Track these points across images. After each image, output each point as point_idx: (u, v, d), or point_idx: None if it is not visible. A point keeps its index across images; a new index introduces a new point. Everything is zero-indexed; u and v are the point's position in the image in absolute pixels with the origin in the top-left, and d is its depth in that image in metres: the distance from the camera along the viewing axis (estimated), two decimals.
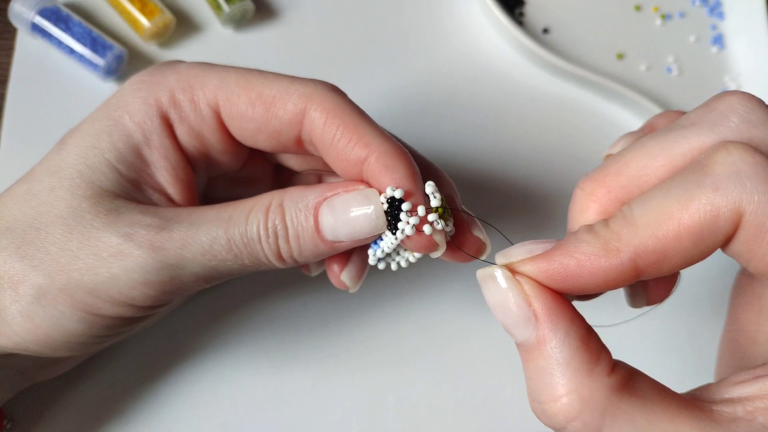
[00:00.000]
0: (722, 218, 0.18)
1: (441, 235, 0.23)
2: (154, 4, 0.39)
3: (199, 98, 0.25)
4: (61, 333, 0.24)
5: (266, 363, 0.34)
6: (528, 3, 0.45)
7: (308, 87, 0.24)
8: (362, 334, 0.35)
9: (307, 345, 0.35)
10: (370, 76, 0.41)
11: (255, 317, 0.35)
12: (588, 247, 0.19)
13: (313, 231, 0.24)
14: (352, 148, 0.23)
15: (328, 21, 0.43)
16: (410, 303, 0.36)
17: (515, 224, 0.39)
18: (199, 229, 0.24)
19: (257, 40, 0.41)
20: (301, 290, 0.36)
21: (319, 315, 0.35)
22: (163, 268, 0.23)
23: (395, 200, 0.22)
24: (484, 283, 0.20)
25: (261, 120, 0.24)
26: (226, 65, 0.26)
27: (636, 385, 0.19)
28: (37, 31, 0.38)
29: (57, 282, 0.23)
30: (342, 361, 0.35)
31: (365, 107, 0.25)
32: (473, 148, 0.40)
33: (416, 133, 0.40)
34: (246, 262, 0.24)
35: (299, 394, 0.34)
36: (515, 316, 0.19)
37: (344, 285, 0.27)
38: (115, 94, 0.26)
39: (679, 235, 0.18)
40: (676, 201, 0.18)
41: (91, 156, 0.24)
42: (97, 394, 0.32)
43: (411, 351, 0.35)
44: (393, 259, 0.25)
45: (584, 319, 0.20)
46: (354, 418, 0.34)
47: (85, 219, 0.24)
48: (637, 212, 0.19)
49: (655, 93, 0.44)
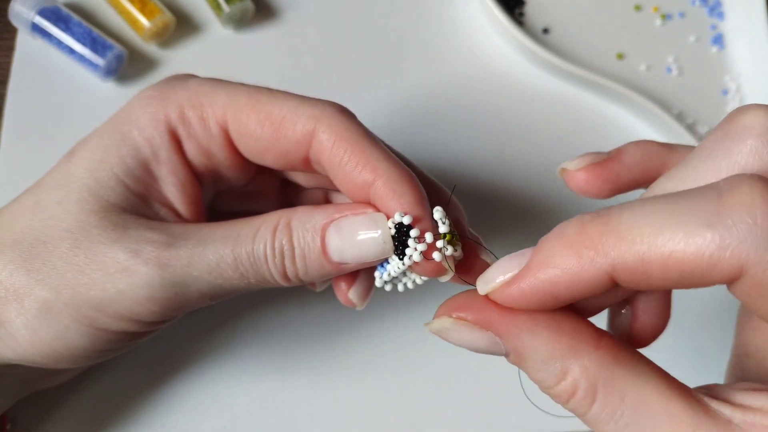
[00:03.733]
0: (719, 268, 0.16)
1: (450, 261, 0.23)
2: (154, 4, 0.39)
3: (209, 116, 0.25)
4: (65, 346, 0.24)
5: (267, 367, 0.34)
6: (528, 3, 0.45)
7: (317, 108, 0.24)
8: (362, 338, 0.35)
9: (307, 350, 0.35)
10: (370, 76, 0.41)
11: (256, 322, 0.35)
12: (561, 260, 0.18)
13: (319, 252, 0.24)
14: (359, 172, 0.23)
15: (328, 21, 0.43)
16: (410, 307, 0.36)
17: (515, 224, 0.39)
18: (207, 247, 0.24)
19: (257, 40, 0.41)
20: (301, 296, 0.36)
21: (320, 320, 0.35)
22: (169, 286, 0.23)
23: (403, 226, 0.23)
24: (441, 335, 0.21)
25: (269, 140, 0.24)
26: (237, 82, 0.26)
27: (628, 359, 0.19)
28: (37, 31, 0.38)
29: (63, 296, 0.23)
30: (342, 366, 0.35)
31: (365, 107, 0.26)
32: (473, 148, 0.40)
33: (416, 133, 0.40)
34: (251, 280, 0.24)
35: (299, 399, 0.34)
36: (484, 346, 0.20)
37: (352, 303, 0.27)
38: (125, 107, 0.26)
39: (667, 266, 0.17)
40: (674, 230, 0.16)
41: (100, 170, 0.24)
42: (98, 397, 0.32)
43: (411, 355, 0.35)
44: (400, 281, 0.25)
45: (549, 312, 0.20)
46: (354, 422, 0.34)
47: (92, 233, 0.24)
48: (625, 223, 0.17)
49: (655, 93, 0.44)
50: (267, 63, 0.41)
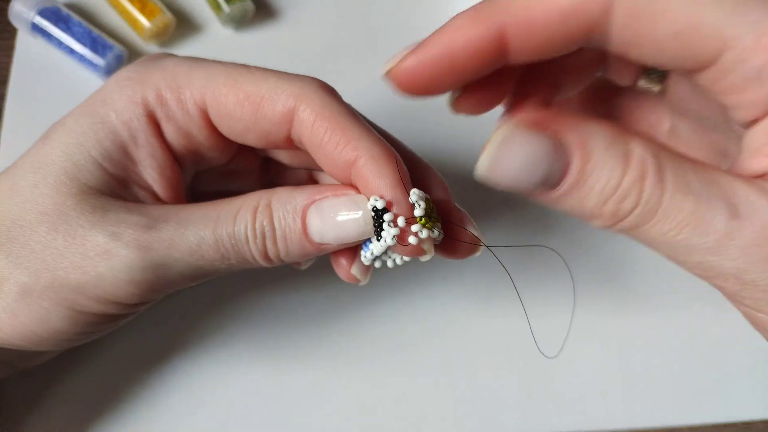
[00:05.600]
0: None
1: (428, 243, 0.23)
2: (154, 4, 0.39)
3: (186, 97, 0.25)
4: (46, 329, 0.24)
5: (263, 356, 0.34)
6: None
7: (297, 85, 0.24)
8: (362, 333, 0.35)
9: (305, 344, 0.35)
10: (370, 76, 0.41)
11: (254, 309, 0.35)
12: (459, 20, 0.20)
13: (300, 233, 0.24)
14: (340, 151, 0.23)
15: (328, 21, 0.43)
16: (410, 302, 0.36)
17: (515, 224, 0.39)
18: (187, 229, 0.24)
19: (257, 40, 0.41)
20: (299, 287, 0.36)
21: (319, 314, 0.35)
22: (149, 268, 0.23)
23: (378, 209, 0.23)
24: (500, 152, 0.20)
25: (249, 120, 0.24)
26: (215, 61, 0.26)
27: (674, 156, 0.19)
28: (37, 31, 0.38)
29: (42, 280, 0.23)
30: (341, 360, 0.35)
31: (364, 107, 0.25)
32: (473, 147, 0.40)
33: (416, 133, 0.40)
34: (233, 261, 0.24)
35: (297, 393, 0.34)
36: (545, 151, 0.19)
37: (355, 278, 0.26)
38: (101, 90, 0.25)
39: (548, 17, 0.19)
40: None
41: (77, 153, 0.24)
42: (88, 385, 0.32)
43: (411, 349, 0.35)
44: (388, 257, 0.25)
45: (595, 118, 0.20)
46: (354, 421, 0.34)
47: (70, 217, 0.23)
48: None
49: None
50: (267, 63, 0.41)
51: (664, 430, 0.35)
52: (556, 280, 0.38)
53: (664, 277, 0.39)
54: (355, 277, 0.26)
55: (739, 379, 0.37)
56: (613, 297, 0.38)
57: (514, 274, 0.38)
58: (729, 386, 0.37)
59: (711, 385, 0.36)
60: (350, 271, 0.26)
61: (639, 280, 0.38)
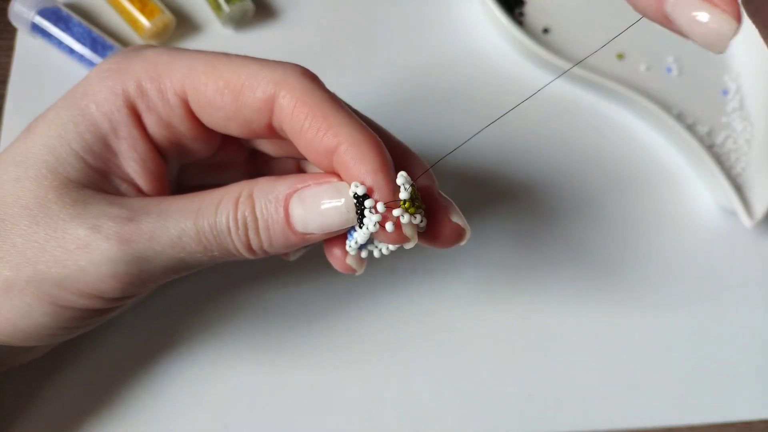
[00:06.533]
0: None
1: (410, 229, 0.23)
2: (154, 4, 0.39)
3: (167, 87, 0.24)
4: (29, 324, 0.24)
5: (260, 353, 0.34)
6: (528, 3, 0.45)
7: (278, 72, 0.24)
8: (362, 330, 0.35)
9: (303, 341, 0.35)
10: (370, 76, 0.41)
11: (251, 306, 0.35)
12: None
13: (283, 223, 0.23)
14: (321, 137, 0.23)
15: (328, 21, 0.43)
16: (410, 299, 0.36)
17: (514, 224, 0.39)
18: (168, 221, 0.23)
19: (257, 40, 0.41)
20: (297, 284, 0.36)
21: (318, 311, 0.35)
22: (131, 261, 0.23)
23: (359, 196, 0.22)
24: None
25: (230, 108, 0.24)
26: (197, 50, 0.25)
27: None
28: (37, 31, 0.38)
29: (23, 274, 0.23)
30: (340, 358, 0.35)
31: (364, 107, 0.25)
32: (472, 147, 0.40)
33: (415, 133, 0.40)
34: (215, 253, 0.24)
35: (295, 391, 0.34)
36: None
37: (350, 269, 0.26)
38: (82, 82, 0.25)
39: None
40: None
41: (58, 146, 0.24)
42: (81, 383, 0.32)
43: (412, 347, 0.35)
44: (375, 246, 0.25)
45: None
46: (352, 415, 0.34)
47: (51, 210, 0.23)
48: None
49: (655, 93, 0.44)
50: None
51: (664, 430, 0.35)
52: (555, 279, 0.38)
53: (664, 276, 0.39)
54: (350, 266, 0.26)
55: (739, 379, 0.37)
56: (613, 297, 0.38)
57: (514, 272, 0.38)
58: (729, 386, 0.37)
59: (711, 385, 0.36)
60: (345, 261, 0.26)
61: (639, 280, 0.39)
